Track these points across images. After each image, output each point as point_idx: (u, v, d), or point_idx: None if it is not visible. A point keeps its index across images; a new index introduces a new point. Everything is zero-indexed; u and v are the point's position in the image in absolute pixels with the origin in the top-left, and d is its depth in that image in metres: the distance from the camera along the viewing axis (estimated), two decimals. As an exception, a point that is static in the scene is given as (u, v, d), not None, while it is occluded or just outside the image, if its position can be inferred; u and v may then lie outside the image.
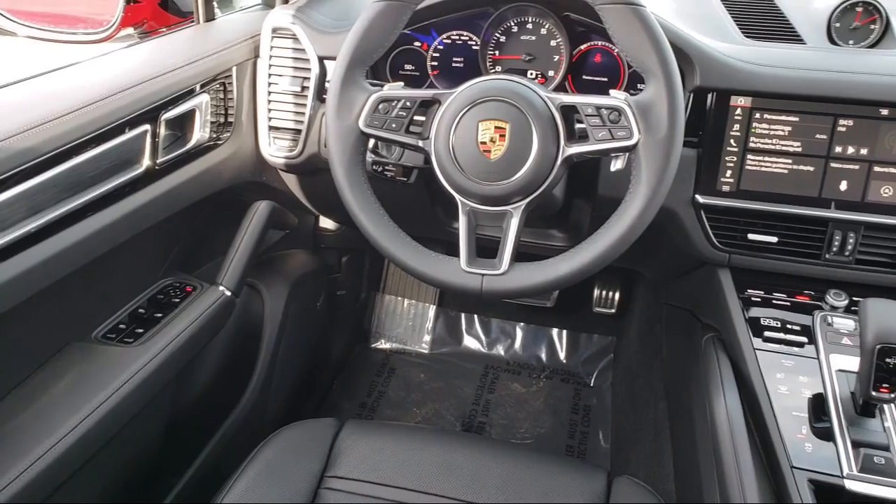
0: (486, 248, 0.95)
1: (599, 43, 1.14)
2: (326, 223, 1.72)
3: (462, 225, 0.93)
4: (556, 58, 1.16)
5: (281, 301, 1.51)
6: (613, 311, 1.99)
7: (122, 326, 1.12)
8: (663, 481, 1.29)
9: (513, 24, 1.17)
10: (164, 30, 1.36)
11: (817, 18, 1.12)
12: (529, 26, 1.16)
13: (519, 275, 0.91)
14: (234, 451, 1.35)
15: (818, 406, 0.93)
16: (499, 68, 1.19)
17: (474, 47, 1.20)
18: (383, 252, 0.95)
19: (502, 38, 1.18)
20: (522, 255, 0.93)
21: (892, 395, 0.83)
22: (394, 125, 0.93)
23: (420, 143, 0.94)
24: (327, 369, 1.94)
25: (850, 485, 0.84)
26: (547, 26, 1.15)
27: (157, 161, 1.10)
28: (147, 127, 1.06)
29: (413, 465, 0.97)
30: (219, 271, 1.24)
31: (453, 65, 1.23)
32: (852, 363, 0.93)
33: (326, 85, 1.02)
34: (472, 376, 2.01)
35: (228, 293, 1.22)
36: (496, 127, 0.89)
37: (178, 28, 1.32)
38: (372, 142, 1.11)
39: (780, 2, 1.18)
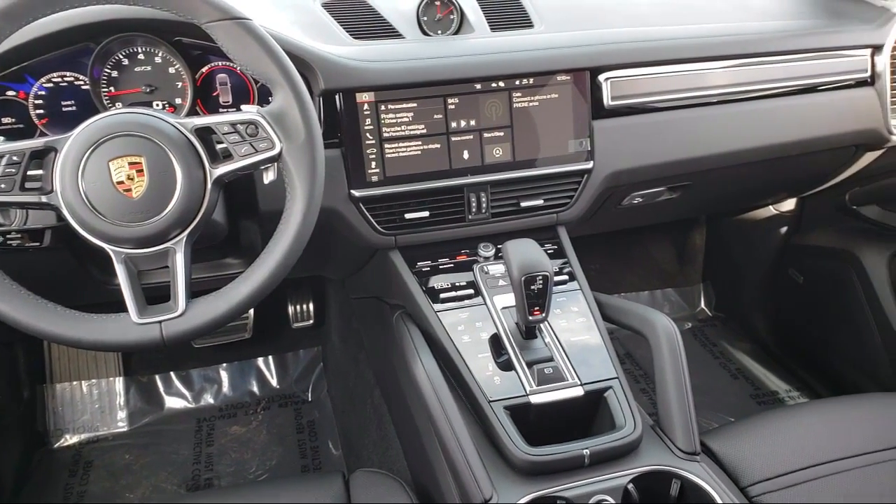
0: (159, 297, 0.88)
1: (220, 63, 1.14)
2: None
3: (121, 275, 0.85)
4: (180, 84, 1.12)
5: None
6: (312, 321, 2.02)
7: None
8: (396, 461, 1.36)
9: (122, 56, 1.09)
10: None
11: (408, 15, 1.27)
12: (141, 57, 1.10)
13: (200, 310, 0.87)
14: None
15: (496, 343, 1.08)
16: (119, 105, 1.11)
17: (84, 87, 1.09)
18: (34, 332, 0.83)
19: (114, 73, 1.10)
20: (204, 291, 0.89)
21: (543, 315, 1.01)
22: (3, 186, 0.81)
23: (44, 199, 0.83)
24: (2, 493, 1.61)
25: (534, 399, 1.01)
26: (161, 54, 1.10)
27: None
28: None
29: None
30: None
31: (64, 109, 1.10)
32: (511, 299, 1.09)
33: None
34: (185, 436, 1.86)
35: None
36: (131, 163, 0.84)
37: None
38: (-20, 212, 0.96)
39: (374, 3, 1.30)
